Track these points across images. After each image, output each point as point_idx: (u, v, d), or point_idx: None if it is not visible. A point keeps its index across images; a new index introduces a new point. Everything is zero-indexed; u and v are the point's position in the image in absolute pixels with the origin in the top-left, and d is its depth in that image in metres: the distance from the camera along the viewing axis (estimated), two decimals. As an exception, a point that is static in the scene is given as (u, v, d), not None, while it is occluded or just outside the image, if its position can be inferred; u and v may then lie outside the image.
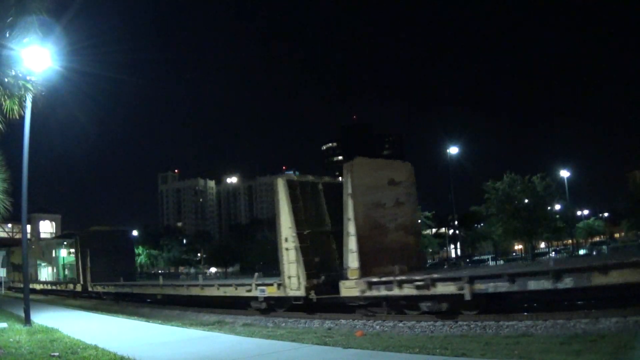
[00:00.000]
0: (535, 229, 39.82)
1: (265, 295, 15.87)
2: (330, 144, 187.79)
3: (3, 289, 43.67)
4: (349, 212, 13.91)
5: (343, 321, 13.52)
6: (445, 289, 11.55)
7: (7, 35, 9.15)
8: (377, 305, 13.40)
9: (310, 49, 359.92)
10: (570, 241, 58.60)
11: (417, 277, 12.11)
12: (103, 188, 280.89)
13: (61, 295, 37.22)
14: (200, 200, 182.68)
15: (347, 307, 14.43)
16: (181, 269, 76.97)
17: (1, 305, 22.37)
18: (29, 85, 9.97)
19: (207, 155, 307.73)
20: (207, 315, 17.47)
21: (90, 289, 30.55)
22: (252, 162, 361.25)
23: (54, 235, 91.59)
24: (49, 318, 15.10)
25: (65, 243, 73.64)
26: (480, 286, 11.00)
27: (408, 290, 12.16)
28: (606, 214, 72.73)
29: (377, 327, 12.39)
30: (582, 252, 50.61)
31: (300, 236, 14.88)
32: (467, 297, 11.02)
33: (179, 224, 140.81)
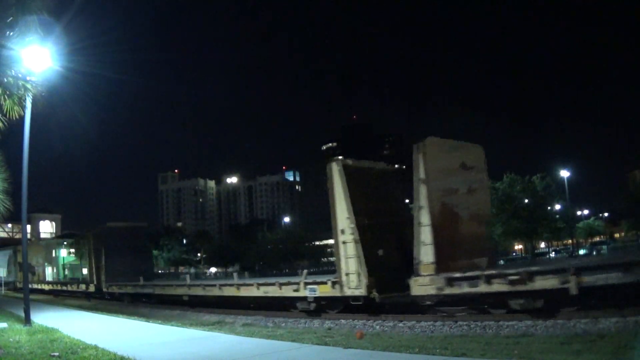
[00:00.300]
0: (535, 229, 39.87)
1: (316, 295, 14.42)
2: (330, 144, 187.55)
3: (3, 289, 43.53)
4: (422, 199, 12.47)
5: (343, 321, 13.50)
6: (545, 283, 10.24)
7: (7, 35, 9.15)
8: (452, 304, 12.21)
9: (311, 48, 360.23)
10: (570, 241, 58.62)
11: (510, 271, 10.86)
12: (103, 188, 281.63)
13: (72, 296, 35.04)
14: (200, 200, 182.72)
15: (415, 307, 13.22)
16: (181, 269, 76.91)
17: (1, 305, 22.38)
18: (28, 86, 9.97)
19: (207, 155, 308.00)
20: (207, 315, 17.48)
21: (104, 289, 28.46)
22: (252, 162, 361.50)
23: (54, 235, 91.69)
24: (49, 318, 15.10)
25: (65, 243, 73.55)
26: (588, 278, 9.75)
27: (498, 287, 10.77)
28: (606, 214, 72.73)
29: (377, 327, 12.38)
30: (582, 252, 50.61)
31: (359, 228, 13.54)
32: (573, 291, 9.76)
33: (179, 224, 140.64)
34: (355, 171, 14.48)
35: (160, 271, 72.22)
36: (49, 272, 66.09)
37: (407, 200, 17.00)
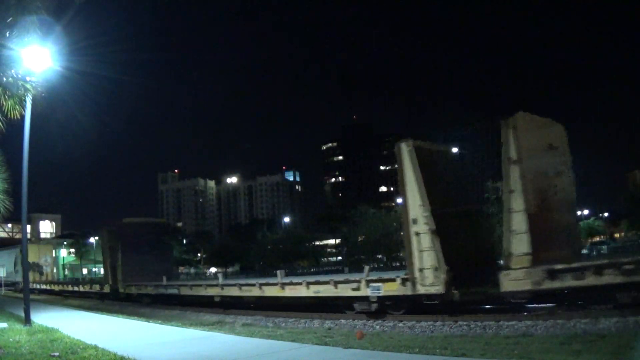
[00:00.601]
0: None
1: (380, 295, 12.94)
2: (330, 144, 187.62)
3: (3, 289, 43.39)
4: (512, 182, 11.31)
5: (343, 321, 13.49)
6: None
7: (7, 35, 9.16)
8: (543, 300, 11.14)
9: (311, 49, 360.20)
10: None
11: (626, 260, 9.79)
12: (103, 188, 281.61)
13: (86, 298, 32.68)
14: (200, 200, 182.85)
15: (499, 304, 12.07)
16: (181, 269, 76.97)
17: (1, 305, 22.39)
18: (28, 86, 9.99)
19: (207, 155, 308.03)
20: (207, 315, 17.48)
21: (121, 290, 26.10)
22: (252, 162, 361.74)
23: (54, 235, 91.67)
24: (49, 318, 15.10)
25: (65, 243, 73.50)
26: None
27: (610, 278, 9.71)
28: (606, 214, 72.70)
29: (377, 327, 12.38)
30: (582, 251, 50.51)
31: (436, 216, 12.21)
32: None
33: (179, 224, 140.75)
34: (425, 153, 13.16)
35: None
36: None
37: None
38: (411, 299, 12.65)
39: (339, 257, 72.11)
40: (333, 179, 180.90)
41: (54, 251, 67.90)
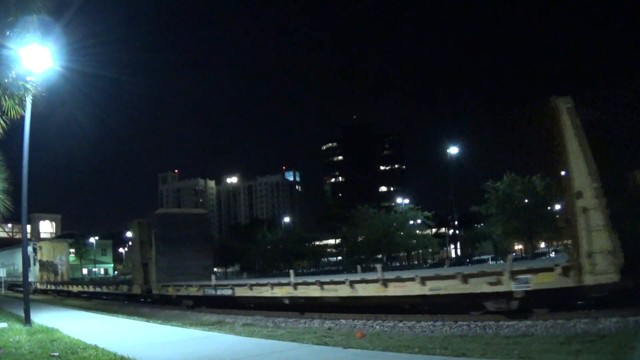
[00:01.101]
0: (535, 229, 39.86)
1: (528, 289, 10.56)
2: (330, 144, 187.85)
3: (3, 289, 43.32)
4: None
5: (343, 321, 13.47)
6: None
7: (7, 34, 9.17)
8: None
9: (311, 49, 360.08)
10: (570, 241, 58.42)
11: None
12: (103, 188, 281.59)
13: (112, 300, 29.38)
14: (200, 200, 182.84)
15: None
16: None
17: (1, 305, 22.39)
18: (28, 86, 10.01)
19: (207, 155, 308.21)
20: (207, 315, 17.50)
21: (155, 291, 22.81)
22: (252, 162, 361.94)
23: (54, 235, 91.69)
24: (49, 318, 15.11)
25: (66, 243, 73.36)
26: None
27: None
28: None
29: (377, 327, 12.37)
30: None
31: (607, 190, 10.20)
32: None
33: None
34: (577, 114, 11.01)
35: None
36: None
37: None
38: (576, 292, 10.46)
39: (339, 257, 72.20)
40: (333, 179, 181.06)
41: (69, 250, 67.29)
